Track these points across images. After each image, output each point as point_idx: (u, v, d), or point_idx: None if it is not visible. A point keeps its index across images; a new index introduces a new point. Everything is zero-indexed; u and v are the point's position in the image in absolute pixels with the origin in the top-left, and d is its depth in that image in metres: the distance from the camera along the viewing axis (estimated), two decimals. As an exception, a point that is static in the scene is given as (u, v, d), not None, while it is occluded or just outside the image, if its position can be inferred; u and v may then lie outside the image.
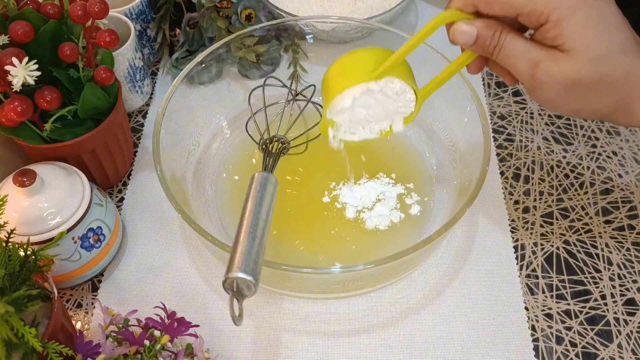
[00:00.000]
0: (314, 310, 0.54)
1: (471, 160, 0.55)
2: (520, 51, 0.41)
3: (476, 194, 0.49)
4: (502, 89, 0.74)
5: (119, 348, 0.44)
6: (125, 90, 0.68)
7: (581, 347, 0.52)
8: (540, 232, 0.60)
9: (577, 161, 0.66)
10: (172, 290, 0.56)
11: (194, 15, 0.70)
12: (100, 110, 0.56)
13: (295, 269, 0.45)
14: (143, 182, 0.64)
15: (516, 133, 0.69)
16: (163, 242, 0.59)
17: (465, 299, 0.55)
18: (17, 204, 0.49)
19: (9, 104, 0.49)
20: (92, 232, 0.53)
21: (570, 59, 0.39)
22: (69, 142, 0.54)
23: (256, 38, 0.67)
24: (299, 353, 0.52)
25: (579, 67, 0.39)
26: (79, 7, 0.51)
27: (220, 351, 0.52)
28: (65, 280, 0.54)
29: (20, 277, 0.42)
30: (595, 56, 0.39)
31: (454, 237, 0.59)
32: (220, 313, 0.54)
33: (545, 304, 0.55)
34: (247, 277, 0.40)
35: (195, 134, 0.63)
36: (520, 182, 0.64)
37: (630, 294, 0.56)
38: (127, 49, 0.64)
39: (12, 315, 0.38)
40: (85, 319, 0.54)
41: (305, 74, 0.70)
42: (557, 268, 0.57)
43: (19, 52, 0.48)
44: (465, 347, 0.52)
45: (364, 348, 0.52)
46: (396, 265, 0.47)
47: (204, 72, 0.65)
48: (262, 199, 0.46)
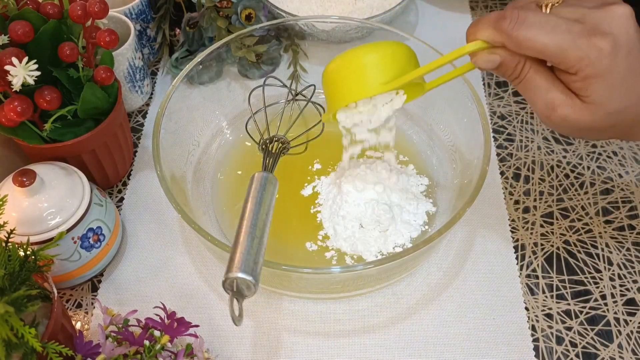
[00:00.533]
0: (314, 310, 0.54)
1: (471, 160, 0.55)
2: (541, 89, 0.41)
3: (476, 194, 0.49)
4: (502, 89, 0.73)
5: (119, 348, 0.44)
6: (125, 90, 0.68)
7: (581, 347, 0.52)
8: (540, 232, 0.60)
9: (577, 161, 0.66)
10: (172, 290, 0.56)
11: (193, 15, 0.70)
12: (100, 110, 0.56)
13: (295, 269, 0.45)
14: (143, 182, 0.64)
15: (516, 133, 0.69)
16: (163, 242, 0.59)
17: (465, 299, 0.55)
18: (16, 204, 0.49)
19: (9, 104, 0.49)
20: (92, 232, 0.53)
21: (589, 111, 0.40)
22: (69, 142, 0.54)
23: (256, 38, 0.67)
24: (299, 353, 0.52)
25: (596, 118, 0.40)
26: (79, 7, 0.51)
27: (220, 351, 0.52)
28: (65, 280, 0.54)
29: (20, 277, 0.42)
30: (614, 110, 0.40)
31: (454, 237, 0.59)
32: (220, 313, 0.54)
33: (546, 304, 0.55)
34: (246, 277, 0.40)
35: (195, 134, 0.63)
36: (521, 182, 0.64)
37: (631, 294, 0.55)
38: (126, 49, 0.64)
39: (12, 315, 0.38)
40: (85, 319, 0.54)
41: (305, 74, 0.70)
42: (557, 268, 0.57)
43: (19, 52, 0.48)
44: (465, 347, 0.52)
45: (363, 348, 0.52)
46: (396, 265, 0.47)
47: (204, 72, 0.65)
48: (261, 199, 0.46)
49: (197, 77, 0.65)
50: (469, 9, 0.83)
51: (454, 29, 0.79)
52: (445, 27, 0.80)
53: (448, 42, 0.79)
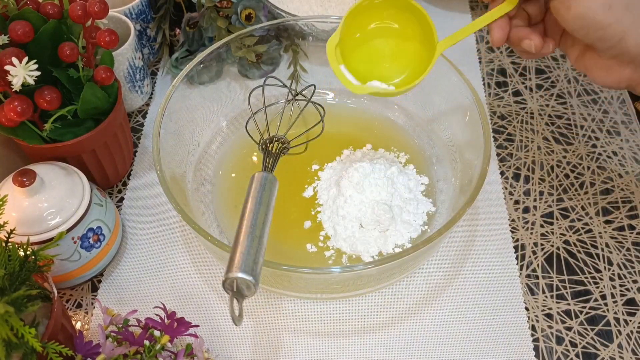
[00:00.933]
0: (314, 310, 0.54)
1: (471, 160, 0.55)
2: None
3: (476, 194, 0.49)
4: (502, 89, 0.73)
5: (119, 348, 0.44)
6: (125, 90, 0.68)
7: (581, 347, 0.52)
8: (540, 232, 0.60)
9: (577, 161, 0.66)
10: (172, 290, 0.56)
11: (193, 15, 0.70)
12: (100, 110, 0.56)
13: (295, 269, 0.45)
14: (143, 182, 0.64)
15: (516, 133, 0.69)
16: (163, 242, 0.59)
17: (465, 299, 0.55)
18: (16, 204, 0.49)
19: (9, 104, 0.49)
20: (92, 232, 0.53)
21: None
22: (69, 142, 0.54)
23: (256, 38, 0.67)
24: (299, 353, 0.52)
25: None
26: (79, 7, 0.51)
27: (220, 351, 0.52)
28: (65, 280, 0.54)
29: (20, 277, 0.42)
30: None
31: (454, 237, 0.59)
32: (221, 313, 0.54)
33: (546, 304, 0.55)
34: (246, 277, 0.39)
35: (195, 134, 0.63)
36: (521, 182, 0.64)
37: (631, 294, 0.55)
38: (127, 49, 0.64)
39: (12, 315, 0.38)
40: (85, 319, 0.54)
41: (305, 74, 0.70)
42: (557, 268, 0.57)
43: (19, 52, 0.48)
44: (465, 347, 0.52)
45: (364, 348, 0.52)
46: (396, 265, 0.47)
47: (204, 72, 0.65)
48: (261, 199, 0.46)
49: (197, 77, 0.65)
50: (469, 9, 0.83)
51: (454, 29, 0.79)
52: (446, 27, 0.80)
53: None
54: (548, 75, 0.75)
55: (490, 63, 0.77)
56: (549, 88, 0.74)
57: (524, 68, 0.76)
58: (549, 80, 0.75)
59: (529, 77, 0.75)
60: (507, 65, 0.76)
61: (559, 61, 0.77)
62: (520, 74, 0.75)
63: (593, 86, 0.74)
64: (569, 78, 0.75)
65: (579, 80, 0.75)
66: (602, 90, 0.73)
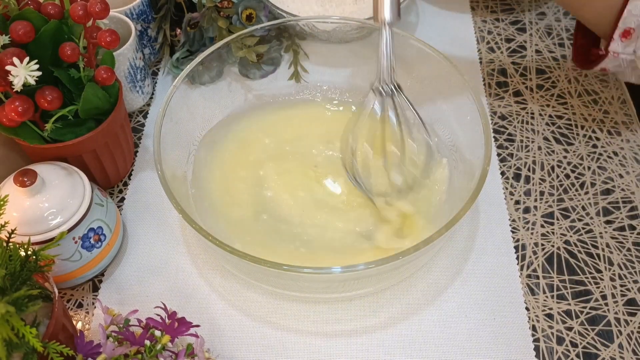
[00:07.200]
0: (314, 310, 0.54)
1: (472, 160, 0.55)
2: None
3: (476, 194, 0.49)
4: (503, 89, 0.73)
5: (120, 348, 0.44)
6: (126, 90, 0.68)
7: (582, 348, 0.52)
8: (541, 232, 0.60)
9: (577, 161, 0.66)
10: (172, 290, 0.56)
11: (194, 15, 0.70)
12: (101, 110, 0.56)
13: (295, 269, 0.45)
14: (144, 182, 0.64)
15: (517, 133, 0.69)
16: (164, 242, 0.59)
17: (466, 299, 0.55)
18: (17, 204, 0.49)
19: (10, 104, 0.49)
20: (93, 232, 0.53)
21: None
22: (70, 142, 0.54)
23: (257, 38, 0.67)
24: (299, 353, 0.52)
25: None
26: (80, 7, 0.51)
27: (221, 351, 0.52)
28: (66, 280, 0.54)
29: (20, 277, 0.43)
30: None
31: (455, 237, 0.59)
32: (221, 313, 0.54)
33: (546, 304, 0.55)
34: None
35: (195, 134, 0.63)
36: (521, 182, 0.64)
37: (631, 294, 0.55)
38: (127, 49, 0.64)
39: (13, 315, 0.38)
40: (85, 319, 0.54)
41: (306, 74, 0.70)
42: (557, 268, 0.57)
43: (20, 52, 0.48)
44: (466, 347, 0.52)
45: (364, 348, 0.52)
46: (396, 265, 0.47)
47: (205, 72, 0.65)
48: None
49: (198, 77, 0.65)
50: (470, 9, 0.83)
51: (455, 29, 0.80)
52: (446, 27, 0.80)
53: (449, 42, 0.79)
54: (549, 76, 0.75)
55: (490, 63, 0.77)
56: (550, 88, 0.74)
57: (524, 68, 0.76)
58: (549, 80, 0.75)
59: (529, 77, 0.75)
60: (507, 65, 0.76)
61: (560, 61, 0.77)
62: (521, 74, 0.75)
63: (594, 86, 0.74)
64: (569, 78, 0.75)
65: (580, 80, 0.75)
66: (603, 90, 0.73)
